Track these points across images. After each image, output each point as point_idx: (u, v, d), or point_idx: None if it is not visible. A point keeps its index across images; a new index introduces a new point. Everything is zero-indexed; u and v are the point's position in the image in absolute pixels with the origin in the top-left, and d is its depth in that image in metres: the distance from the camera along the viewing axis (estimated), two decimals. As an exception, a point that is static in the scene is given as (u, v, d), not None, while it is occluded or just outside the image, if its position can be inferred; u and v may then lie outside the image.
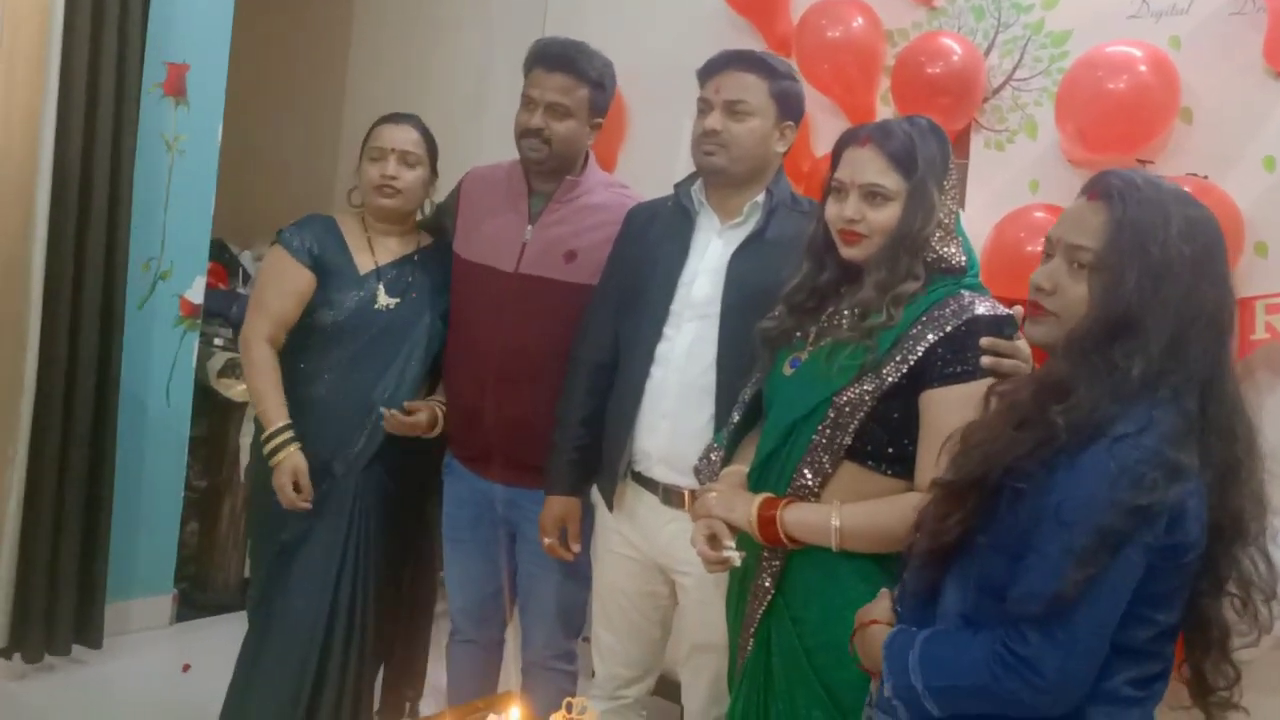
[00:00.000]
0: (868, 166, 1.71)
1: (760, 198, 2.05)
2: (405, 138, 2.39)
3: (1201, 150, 2.31)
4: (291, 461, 2.31)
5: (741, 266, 2.01)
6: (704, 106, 2.06)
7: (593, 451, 2.20)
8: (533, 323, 2.28)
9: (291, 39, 4.62)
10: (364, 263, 2.40)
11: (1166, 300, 1.31)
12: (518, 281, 2.29)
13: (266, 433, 2.33)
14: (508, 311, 2.29)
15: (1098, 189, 1.39)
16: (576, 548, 2.25)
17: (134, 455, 3.13)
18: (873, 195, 1.70)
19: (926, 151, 1.70)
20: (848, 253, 1.75)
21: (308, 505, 2.32)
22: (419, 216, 2.50)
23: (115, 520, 3.06)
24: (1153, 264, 1.31)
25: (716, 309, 2.02)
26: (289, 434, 2.32)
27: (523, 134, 2.29)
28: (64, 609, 2.98)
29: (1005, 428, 1.36)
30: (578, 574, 2.33)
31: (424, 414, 2.38)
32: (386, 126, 2.40)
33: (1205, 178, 2.27)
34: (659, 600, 2.21)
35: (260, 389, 2.35)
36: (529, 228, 2.31)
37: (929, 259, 1.70)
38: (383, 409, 2.35)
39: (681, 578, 2.12)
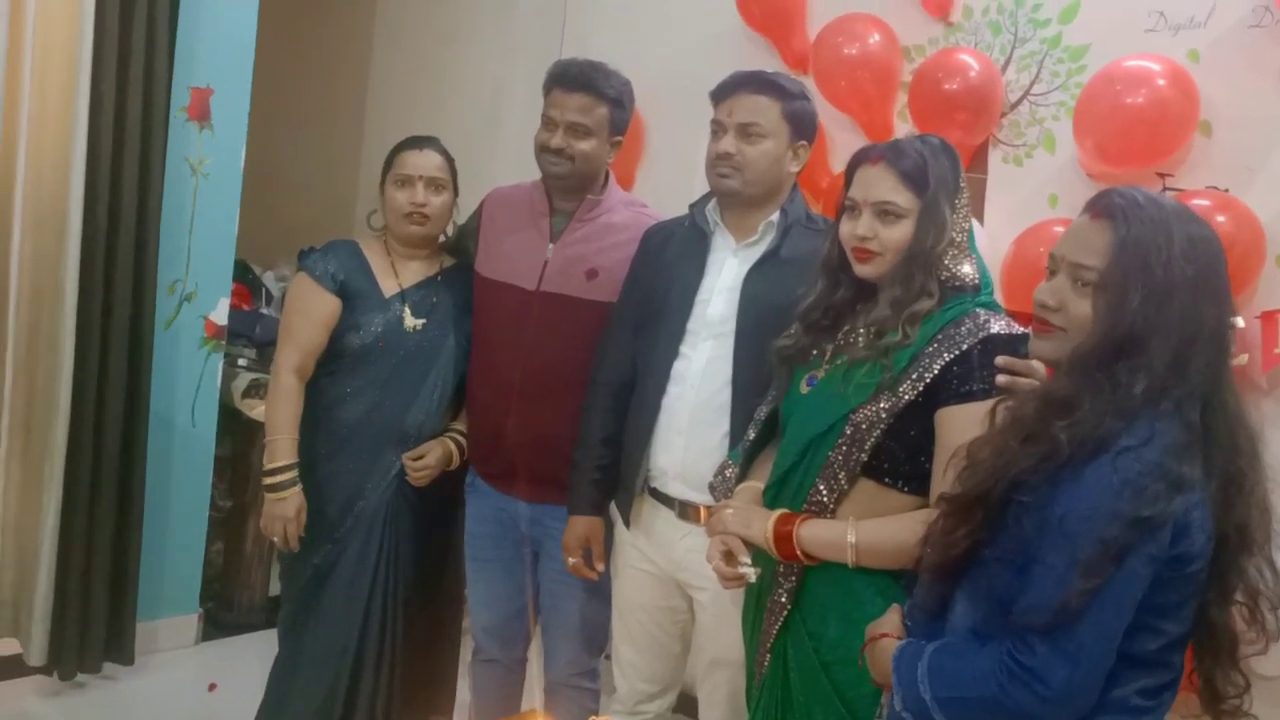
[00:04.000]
0: (880, 185, 1.72)
1: (775, 217, 2.06)
2: (431, 163, 2.41)
3: (1222, 163, 2.30)
4: (298, 500, 2.34)
5: (756, 285, 2.03)
6: (717, 129, 2.07)
7: (614, 470, 2.21)
8: (554, 340, 2.29)
9: (311, 61, 4.67)
10: (389, 285, 2.42)
11: (1169, 319, 1.32)
12: (539, 299, 2.30)
13: (274, 466, 2.34)
14: (529, 329, 2.30)
15: (1101, 207, 1.40)
16: (601, 566, 2.26)
17: (161, 476, 3.16)
18: (885, 213, 1.71)
19: (938, 169, 1.71)
20: (861, 270, 1.76)
21: (297, 547, 2.36)
22: (441, 238, 2.52)
23: (143, 540, 3.08)
24: (1156, 284, 1.32)
25: (732, 327, 2.03)
26: (295, 473, 2.35)
27: (543, 151, 2.30)
28: (96, 627, 3.01)
29: (1010, 442, 1.37)
30: (600, 592, 2.34)
31: (433, 454, 2.41)
32: (411, 152, 2.41)
33: (1226, 190, 2.26)
34: (678, 615, 2.22)
35: (276, 421, 2.37)
36: (550, 246, 2.33)
37: (943, 277, 1.70)
38: (403, 459, 2.39)
39: (698, 593, 2.13)
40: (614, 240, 2.31)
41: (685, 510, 2.10)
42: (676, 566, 2.14)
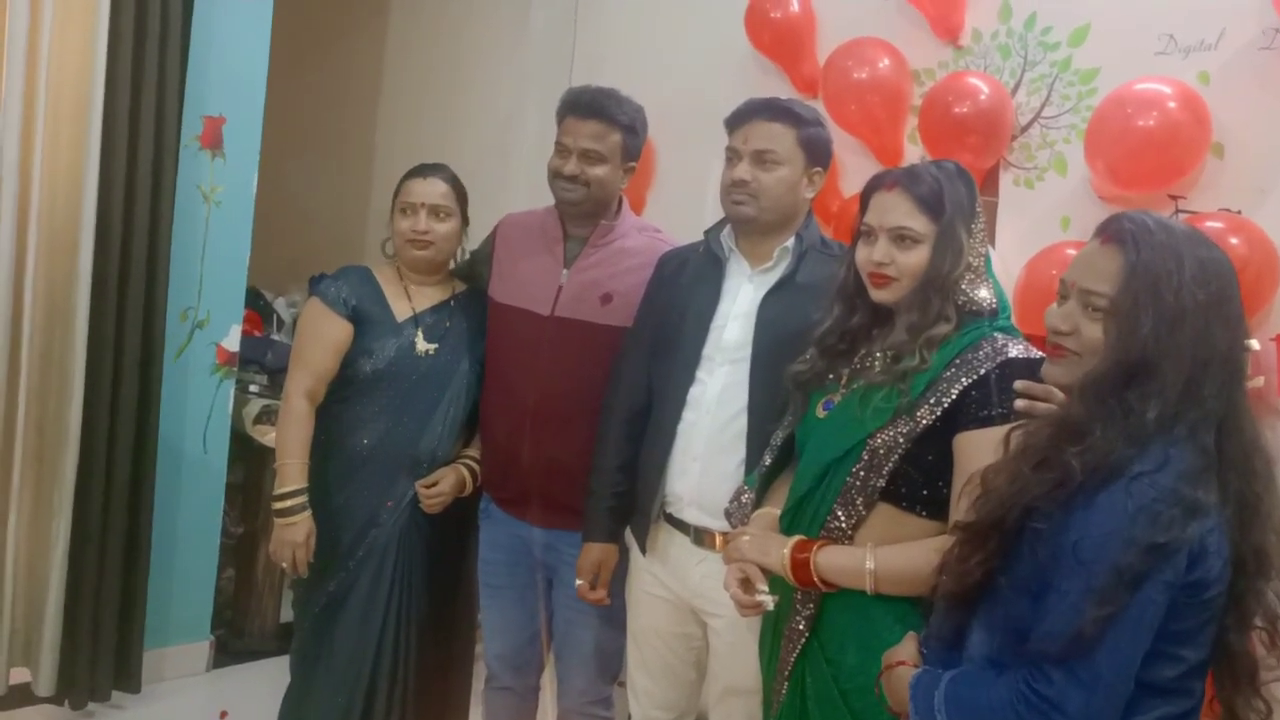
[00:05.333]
0: (896, 210, 1.72)
1: (790, 243, 2.07)
2: (434, 191, 2.41)
3: (1234, 185, 2.29)
4: (308, 526, 2.34)
5: (772, 311, 2.03)
6: (732, 156, 2.07)
7: (629, 497, 2.21)
8: (569, 365, 2.29)
9: (322, 90, 4.71)
10: (401, 310, 2.42)
11: (1181, 344, 1.31)
12: (554, 325, 2.30)
13: (283, 490, 2.33)
14: (544, 355, 2.30)
15: (1111, 233, 1.40)
16: (603, 593, 2.25)
17: (171, 502, 3.16)
18: (901, 238, 1.71)
19: (954, 194, 1.71)
20: (877, 295, 1.76)
21: (306, 573, 2.35)
22: (453, 264, 2.52)
23: (153, 567, 3.09)
24: (1167, 309, 1.32)
25: (748, 353, 2.03)
26: (304, 499, 2.34)
27: (556, 177, 2.31)
28: (105, 655, 3.00)
29: (1023, 469, 1.37)
30: (614, 619, 2.33)
31: (446, 481, 2.40)
32: (416, 180, 2.42)
33: (1239, 212, 2.25)
34: (692, 641, 2.20)
35: (286, 445, 2.36)
36: (564, 271, 2.33)
37: (960, 301, 1.70)
38: (417, 487, 2.38)
39: (713, 619, 2.11)
40: (628, 265, 2.31)
41: (700, 537, 2.09)
42: (692, 593, 2.13)
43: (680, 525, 2.12)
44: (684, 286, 2.15)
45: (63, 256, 2.81)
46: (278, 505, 2.34)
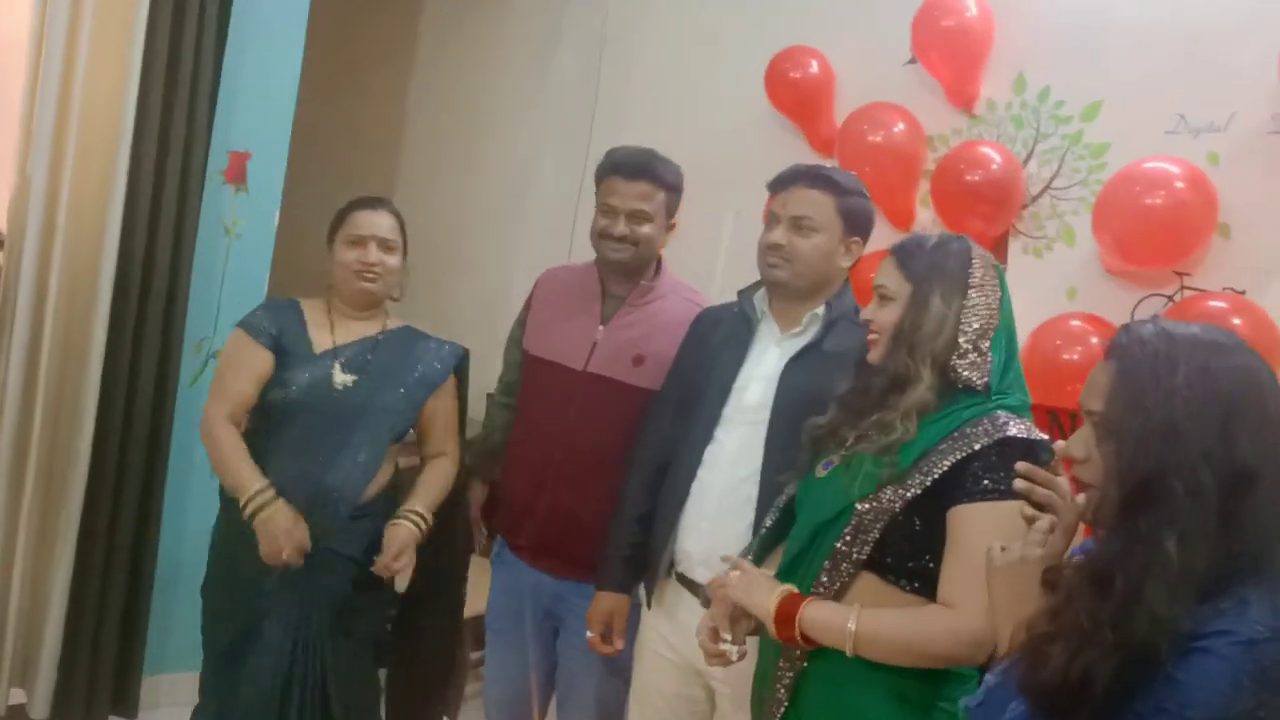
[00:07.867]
0: (882, 271, 1.78)
1: (820, 309, 2.07)
2: (384, 224, 2.39)
3: (1240, 265, 2.34)
4: (286, 510, 2.23)
5: (795, 376, 2.04)
6: (771, 219, 2.09)
7: (645, 550, 2.21)
8: (596, 422, 2.31)
9: (345, 125, 4.77)
10: (321, 341, 2.38)
11: (1183, 459, 1.14)
12: (585, 380, 2.32)
13: (247, 497, 2.22)
14: (572, 409, 2.32)
15: (1108, 345, 1.29)
16: (620, 644, 2.25)
17: (174, 531, 3.16)
18: (881, 296, 1.76)
19: (933, 259, 1.72)
20: (869, 354, 1.79)
21: (300, 561, 2.23)
22: (392, 299, 2.49)
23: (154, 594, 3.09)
24: (1154, 423, 1.17)
25: (766, 416, 2.04)
26: (271, 491, 2.24)
27: (604, 238, 2.32)
28: (103, 679, 3.01)
29: (1082, 646, 1.16)
30: (618, 671, 2.32)
31: (406, 551, 2.31)
32: (364, 212, 2.39)
33: (1243, 293, 2.29)
34: (695, 704, 2.18)
35: (229, 462, 2.28)
36: (601, 328, 2.35)
37: (951, 377, 1.68)
38: (377, 569, 2.30)
39: (717, 684, 2.10)
40: (663, 324, 2.33)
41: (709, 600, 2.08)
42: (698, 655, 2.05)
43: (690, 585, 2.12)
44: (714, 346, 2.16)
45: (83, 284, 2.83)
46: (249, 509, 2.22)
